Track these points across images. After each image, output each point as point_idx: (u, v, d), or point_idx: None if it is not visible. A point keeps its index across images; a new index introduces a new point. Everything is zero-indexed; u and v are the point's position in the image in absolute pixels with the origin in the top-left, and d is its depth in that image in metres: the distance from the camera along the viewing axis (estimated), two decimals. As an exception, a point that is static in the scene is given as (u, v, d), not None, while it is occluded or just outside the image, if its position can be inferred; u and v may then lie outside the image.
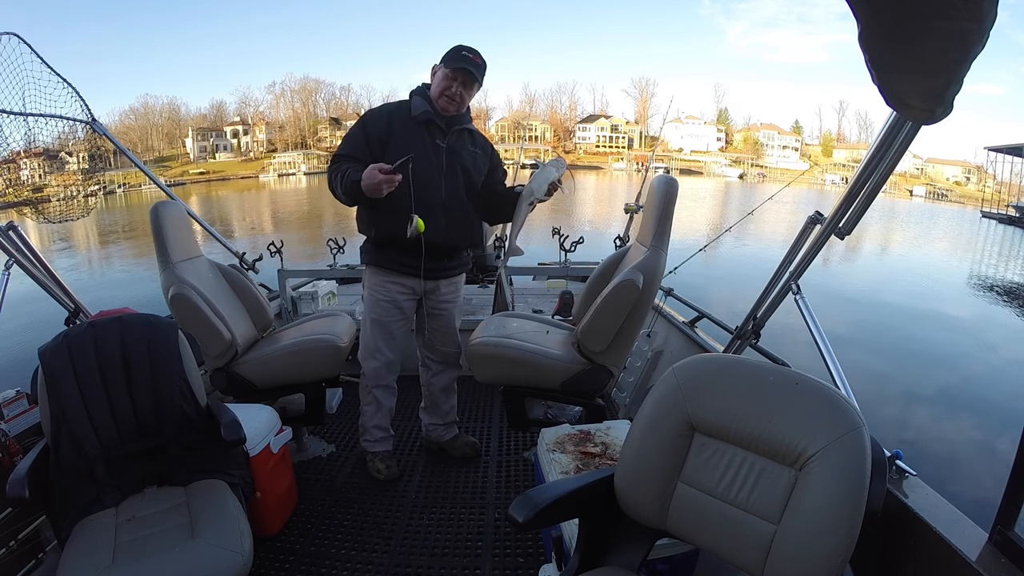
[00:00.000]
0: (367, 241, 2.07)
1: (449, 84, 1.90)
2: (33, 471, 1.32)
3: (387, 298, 2.06)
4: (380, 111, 2.01)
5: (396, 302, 2.07)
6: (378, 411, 2.15)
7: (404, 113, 1.95)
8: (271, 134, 64.67)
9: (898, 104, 0.58)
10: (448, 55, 1.91)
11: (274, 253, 3.15)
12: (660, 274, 1.92)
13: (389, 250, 2.01)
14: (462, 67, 1.88)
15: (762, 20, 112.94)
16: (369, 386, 2.13)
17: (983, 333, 8.44)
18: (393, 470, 2.15)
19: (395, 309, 2.07)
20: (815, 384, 1.01)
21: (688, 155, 64.40)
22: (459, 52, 1.89)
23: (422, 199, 1.86)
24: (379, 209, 1.91)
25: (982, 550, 1.01)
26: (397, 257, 2.00)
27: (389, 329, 2.09)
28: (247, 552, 1.27)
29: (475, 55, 1.90)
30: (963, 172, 54.11)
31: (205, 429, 1.56)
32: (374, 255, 2.05)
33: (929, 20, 0.46)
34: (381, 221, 1.95)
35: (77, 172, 2.70)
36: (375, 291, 2.07)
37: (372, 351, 2.10)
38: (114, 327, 1.54)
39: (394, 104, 2.02)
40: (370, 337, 2.10)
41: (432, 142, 1.94)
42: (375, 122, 1.94)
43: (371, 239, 2.04)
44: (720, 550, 1.05)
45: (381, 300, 2.06)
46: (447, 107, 1.93)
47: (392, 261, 2.02)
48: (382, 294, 2.06)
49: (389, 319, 2.08)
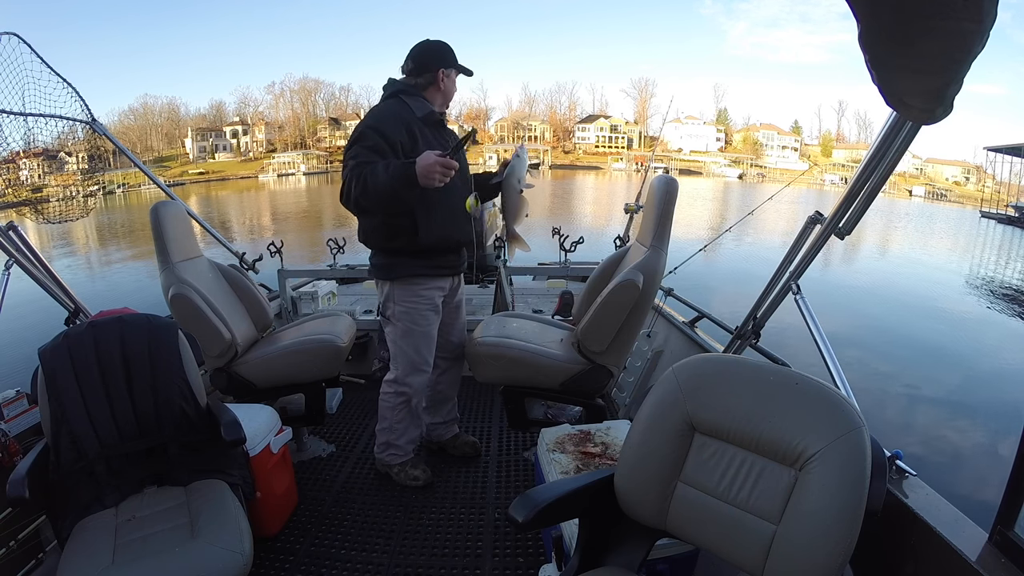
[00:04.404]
0: (399, 254, 1.90)
1: (455, 85, 1.98)
2: (33, 471, 1.32)
3: (430, 306, 1.97)
4: (388, 116, 1.83)
5: (436, 307, 2.00)
6: (411, 423, 2.08)
7: (409, 115, 1.86)
8: (270, 134, 64.72)
9: (898, 104, 0.58)
10: (450, 58, 1.94)
11: (274, 253, 3.15)
12: (660, 274, 1.93)
13: (434, 254, 1.92)
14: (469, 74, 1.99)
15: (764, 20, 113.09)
16: (412, 400, 2.04)
17: (983, 333, 8.45)
18: (429, 473, 2.10)
19: (435, 315, 2.01)
20: (815, 384, 1.01)
21: (687, 155, 64.42)
22: (453, 55, 1.94)
23: (447, 201, 1.83)
24: (428, 212, 1.82)
25: (982, 550, 1.01)
26: (441, 260, 1.95)
27: (432, 336, 2.02)
28: (247, 552, 1.27)
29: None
30: (962, 172, 54.12)
31: (205, 429, 1.56)
32: (412, 266, 1.91)
33: (929, 20, 0.46)
34: (433, 224, 1.85)
35: (76, 172, 2.70)
36: (418, 303, 1.95)
37: (419, 364, 2.00)
38: (114, 327, 1.54)
39: (391, 107, 1.87)
40: (414, 352, 1.98)
41: (444, 140, 1.93)
42: (393, 128, 1.79)
43: (410, 249, 1.88)
44: (720, 550, 1.05)
45: (425, 311, 1.97)
46: (444, 107, 1.98)
47: (436, 267, 1.95)
48: (425, 303, 1.96)
49: (432, 327, 2.01)
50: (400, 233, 1.86)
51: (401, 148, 1.78)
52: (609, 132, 68.92)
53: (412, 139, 1.82)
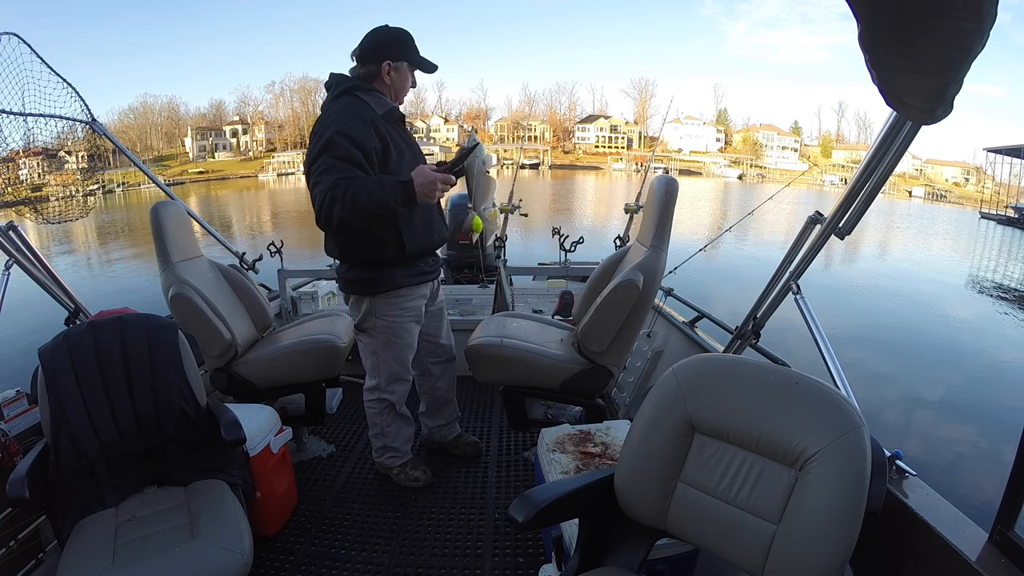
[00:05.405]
0: (382, 266, 1.81)
1: (409, 82, 1.84)
2: (33, 471, 1.32)
3: (413, 317, 1.92)
4: (354, 119, 1.67)
5: (419, 317, 1.96)
6: (402, 427, 2.07)
7: (371, 113, 1.72)
8: (270, 133, 64.68)
9: (898, 104, 0.58)
10: (401, 50, 1.79)
11: (274, 253, 3.15)
12: (660, 274, 1.93)
13: (417, 263, 1.87)
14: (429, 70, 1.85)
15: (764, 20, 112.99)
16: (396, 408, 2.02)
17: (983, 334, 8.45)
18: (429, 473, 2.09)
19: (417, 324, 1.97)
20: (815, 384, 1.01)
21: (687, 155, 64.43)
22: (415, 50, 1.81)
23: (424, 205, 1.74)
24: (410, 220, 1.72)
25: (982, 550, 1.01)
26: (424, 266, 1.90)
27: (413, 346, 1.99)
28: (247, 552, 1.27)
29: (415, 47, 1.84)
30: (962, 173, 54.11)
31: (205, 429, 1.56)
32: (396, 276, 1.82)
33: (929, 20, 0.46)
34: (417, 231, 1.78)
35: (76, 171, 2.70)
36: (401, 316, 1.88)
37: (401, 375, 1.98)
38: (114, 327, 1.54)
39: (352, 107, 1.71)
40: (397, 364, 1.95)
41: (408, 138, 1.87)
42: (363, 132, 1.65)
43: (394, 260, 1.79)
44: (720, 550, 1.05)
45: (408, 323, 1.91)
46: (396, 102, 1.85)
47: (420, 273, 1.89)
48: (408, 315, 1.90)
49: (413, 337, 1.97)
50: (385, 244, 1.75)
51: (375, 152, 1.67)
52: (609, 132, 68.92)
53: (383, 142, 1.71)
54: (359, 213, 1.56)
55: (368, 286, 1.84)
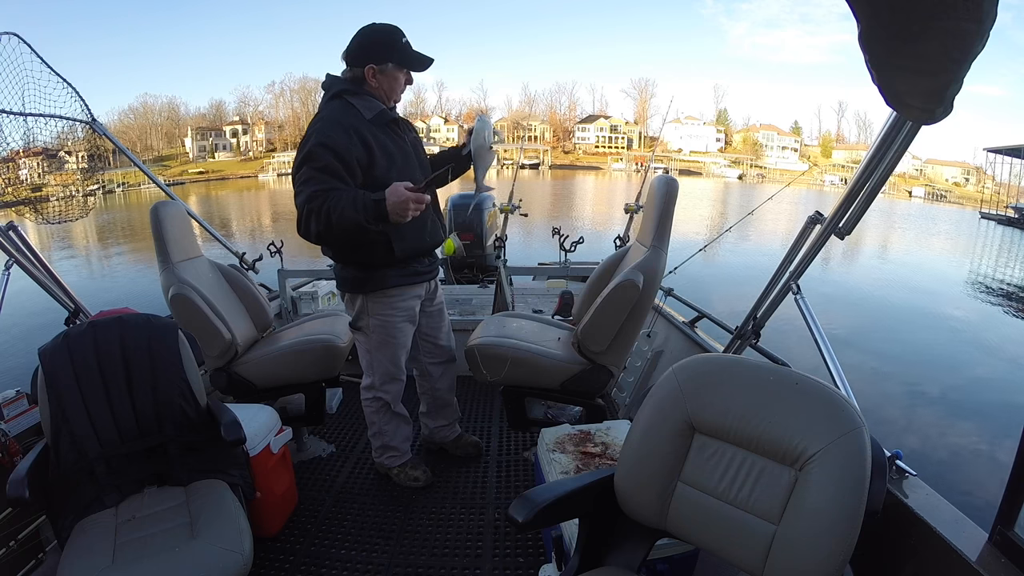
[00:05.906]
0: (373, 267, 1.82)
1: (402, 82, 1.80)
2: (33, 471, 1.32)
3: (406, 316, 1.93)
4: (336, 128, 1.65)
5: (413, 318, 1.97)
6: (399, 425, 2.08)
7: (358, 119, 1.69)
8: (270, 134, 64.73)
9: (898, 104, 0.58)
10: (385, 51, 1.73)
11: (274, 253, 3.15)
12: (660, 274, 1.93)
13: (411, 263, 1.87)
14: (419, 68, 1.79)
15: (764, 20, 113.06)
16: (391, 407, 2.03)
17: (983, 333, 8.45)
18: (429, 473, 2.10)
19: (411, 325, 1.98)
20: (815, 384, 1.01)
21: (687, 155, 64.44)
22: (407, 46, 1.75)
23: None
24: (399, 228, 1.69)
25: (982, 550, 1.02)
26: (417, 266, 1.90)
27: (407, 346, 1.99)
28: (247, 552, 1.26)
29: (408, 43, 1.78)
30: (962, 173, 54.10)
31: (205, 429, 1.56)
32: (387, 276, 1.83)
33: (929, 20, 0.46)
34: (406, 236, 1.77)
35: (76, 171, 2.70)
36: (393, 315, 1.89)
37: (395, 374, 1.98)
38: (114, 327, 1.54)
39: (336, 114, 1.69)
40: (391, 363, 1.95)
41: (401, 141, 1.82)
42: (344, 142, 1.63)
43: (384, 261, 1.80)
44: (720, 550, 1.05)
45: (401, 322, 1.92)
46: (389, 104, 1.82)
47: (413, 274, 1.89)
48: (400, 315, 1.91)
49: (407, 338, 1.98)
50: (374, 247, 1.76)
51: (358, 164, 1.65)
52: (609, 132, 68.92)
53: (367, 149, 1.67)
54: (333, 230, 1.59)
55: (360, 284, 1.85)
